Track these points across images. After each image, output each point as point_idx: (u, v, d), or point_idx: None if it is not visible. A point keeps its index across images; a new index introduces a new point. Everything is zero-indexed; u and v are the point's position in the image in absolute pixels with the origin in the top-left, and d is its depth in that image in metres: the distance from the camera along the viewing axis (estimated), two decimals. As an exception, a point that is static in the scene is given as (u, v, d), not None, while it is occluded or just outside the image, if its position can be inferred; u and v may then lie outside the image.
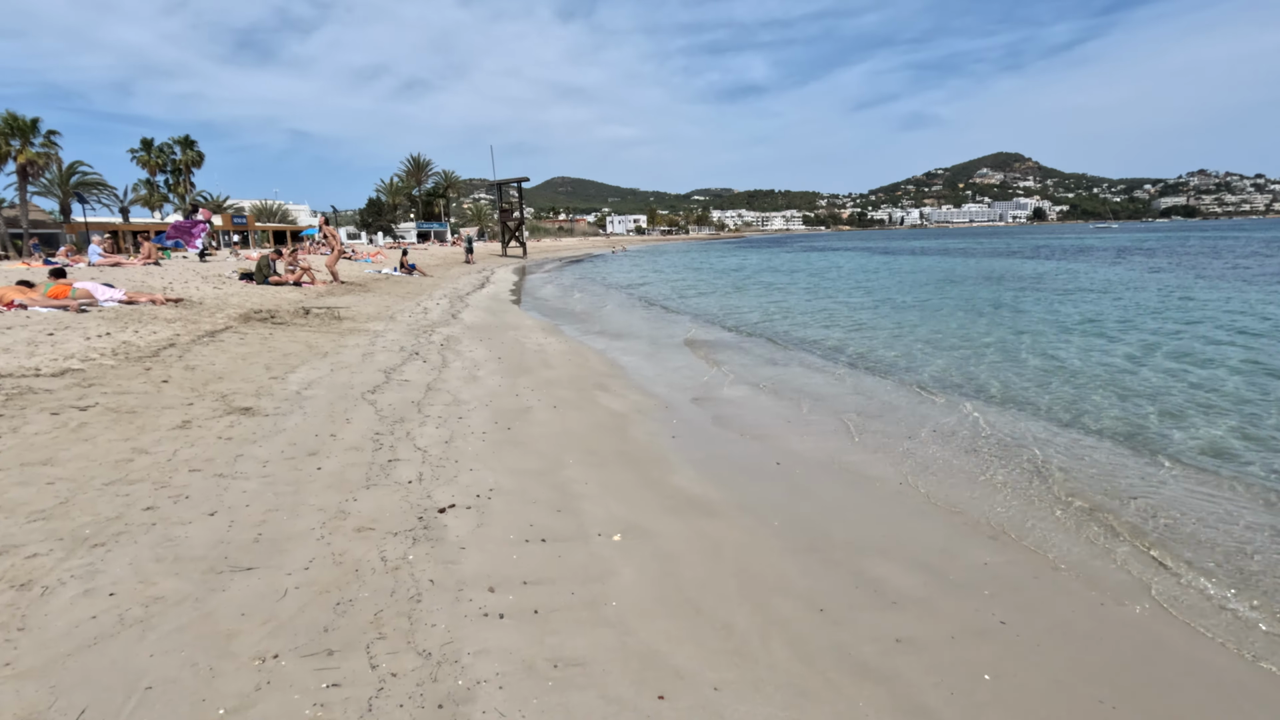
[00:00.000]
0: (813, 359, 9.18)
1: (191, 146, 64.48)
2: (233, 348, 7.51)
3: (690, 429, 5.57)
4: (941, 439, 5.37)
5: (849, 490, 4.27)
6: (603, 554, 3.17)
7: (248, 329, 8.94)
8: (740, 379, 7.74)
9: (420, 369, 7.21)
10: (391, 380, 6.54)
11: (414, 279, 21.96)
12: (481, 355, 8.40)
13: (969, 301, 15.97)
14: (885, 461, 4.82)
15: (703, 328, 12.59)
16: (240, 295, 12.64)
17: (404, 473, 4.01)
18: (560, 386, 6.88)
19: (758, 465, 4.71)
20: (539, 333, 10.97)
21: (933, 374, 8.01)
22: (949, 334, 11.02)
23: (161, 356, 6.66)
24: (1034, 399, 6.73)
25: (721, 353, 9.68)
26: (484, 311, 13.63)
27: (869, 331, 11.67)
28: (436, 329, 10.46)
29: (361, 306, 12.77)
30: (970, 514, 3.91)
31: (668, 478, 4.32)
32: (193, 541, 2.96)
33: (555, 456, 4.59)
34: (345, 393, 5.91)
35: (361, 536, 3.13)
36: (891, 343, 10.36)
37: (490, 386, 6.65)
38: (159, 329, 8.19)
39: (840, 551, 3.36)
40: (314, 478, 3.83)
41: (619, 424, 5.58)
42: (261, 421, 4.83)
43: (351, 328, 9.95)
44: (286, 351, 7.59)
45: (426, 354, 8.14)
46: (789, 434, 5.52)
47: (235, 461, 3.98)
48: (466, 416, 5.42)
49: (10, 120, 44.75)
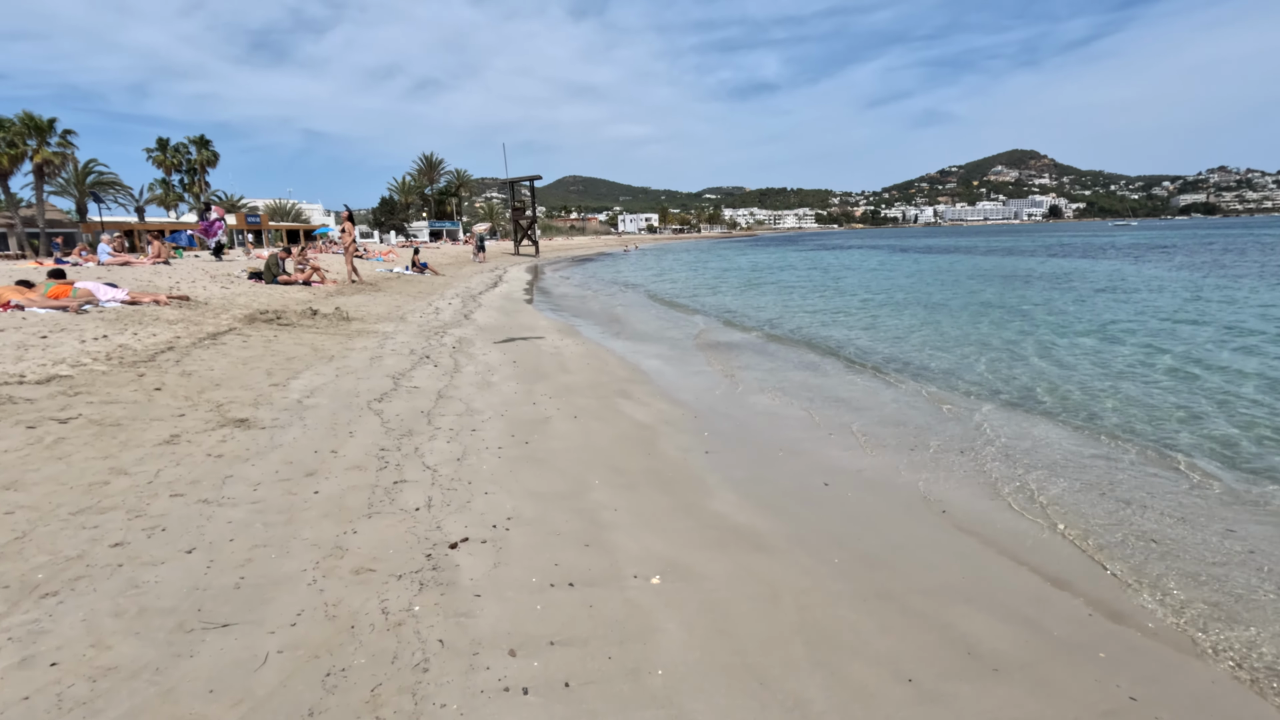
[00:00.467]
0: (844, 363, 8.66)
1: (206, 146, 64.79)
2: (234, 351, 7.11)
3: (724, 442, 5.08)
4: (1006, 458, 4.86)
5: (912, 518, 3.77)
6: (641, 602, 2.70)
7: (252, 331, 8.55)
8: (770, 385, 7.25)
9: (431, 374, 6.78)
10: (400, 387, 6.11)
11: (426, 278, 21.61)
12: (495, 359, 7.96)
13: (998, 301, 15.34)
14: (948, 483, 4.32)
15: (725, 329, 12.11)
16: (248, 295, 12.29)
17: (411, 497, 3.56)
18: (580, 393, 6.42)
19: (804, 486, 4.22)
20: (555, 334, 10.52)
21: (976, 380, 7.48)
22: (983, 336, 10.46)
23: (158, 361, 6.27)
24: (1100, 413, 6.19)
25: (747, 355, 9.18)
26: (497, 312, 13.21)
27: (898, 333, 11.12)
28: (448, 330, 10.05)
29: (371, 306, 12.39)
30: (1061, 550, 3.40)
31: (706, 502, 3.84)
32: (163, 588, 2.52)
33: (579, 476, 4.13)
34: (350, 401, 5.48)
35: (360, 580, 2.68)
36: (925, 345, 9.81)
37: (505, 393, 6.20)
38: (159, 331, 7.82)
39: (917, 598, 2.87)
40: (310, 504, 3.39)
41: (646, 437, 5.10)
42: (257, 436, 4.40)
43: (360, 329, 9.55)
44: (290, 355, 7.18)
45: (438, 358, 7.72)
46: (833, 449, 5.02)
47: (223, 484, 3.54)
48: (480, 429, 4.97)
49: (27, 120, 45.01)
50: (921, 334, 10.91)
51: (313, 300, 12.73)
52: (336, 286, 15.88)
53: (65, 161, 48.47)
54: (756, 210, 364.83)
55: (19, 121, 44.74)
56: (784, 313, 14.52)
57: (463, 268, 30.00)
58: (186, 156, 64.32)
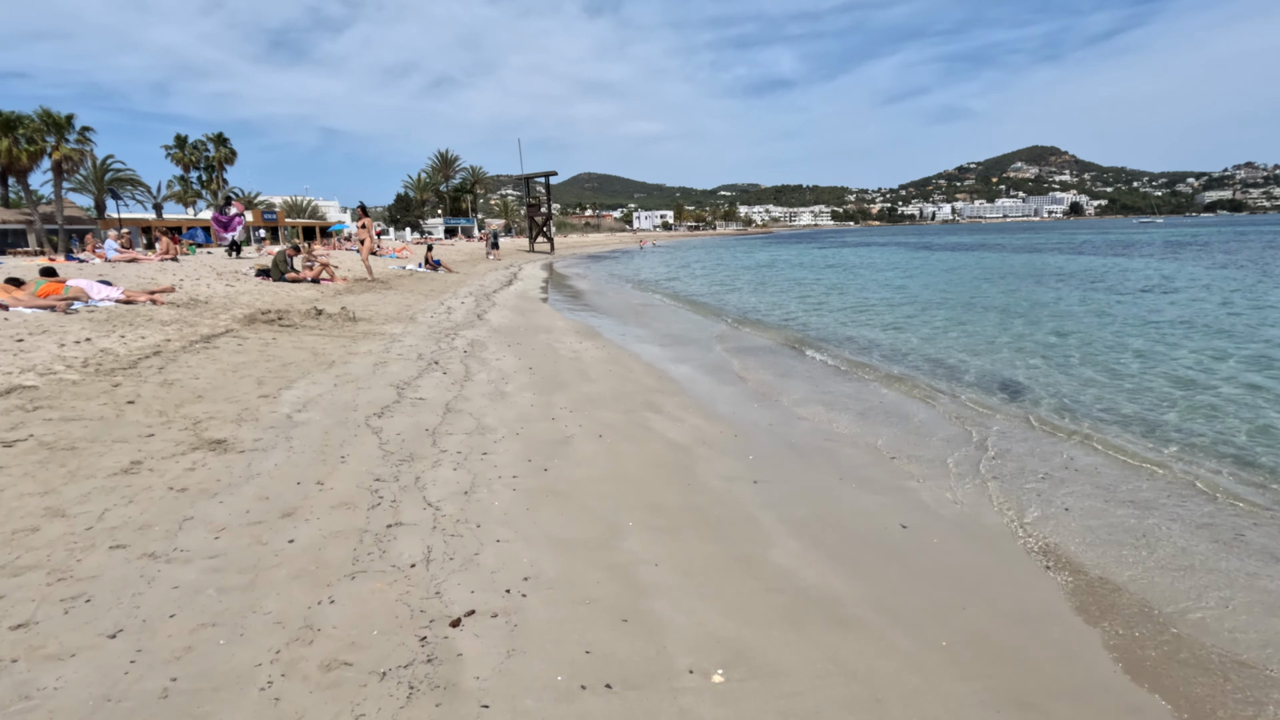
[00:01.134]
0: (889, 370, 7.92)
1: (224, 143, 65.01)
2: (226, 356, 6.51)
3: (773, 469, 4.39)
4: (1107, 495, 4.12)
5: (1021, 577, 3.06)
6: (702, 715, 2.02)
7: (250, 333, 7.97)
8: (814, 397, 6.53)
9: (439, 383, 6.13)
10: (404, 399, 5.47)
11: (439, 275, 21.06)
12: (510, 364, 7.31)
13: (1039, 302, 14.47)
14: (1049, 526, 3.59)
15: (754, 331, 11.37)
16: (252, 294, 11.75)
17: (406, 547, 2.91)
18: (604, 406, 5.75)
19: (878, 530, 3.51)
20: (573, 336, 9.86)
21: (1045, 394, 6.71)
22: (1033, 341, 9.65)
23: (139, 368, 5.68)
24: (1217, 438, 5.41)
25: (783, 361, 8.46)
26: (512, 311, 12.58)
27: (939, 336, 10.33)
28: (460, 332, 9.42)
29: (381, 306, 11.80)
30: (1226, 627, 2.68)
31: (766, 553, 3.15)
32: (59, 703, 1.87)
33: (609, 515, 3.46)
34: (346, 416, 4.84)
35: (330, 682, 2.03)
36: (974, 350, 9.03)
37: (521, 406, 5.54)
38: (149, 333, 7.25)
39: (1064, 706, 2.16)
40: (281, 557, 2.74)
41: (683, 461, 4.42)
42: (233, 462, 3.77)
43: (366, 330, 8.95)
44: (287, 361, 6.57)
45: (447, 363, 7.08)
46: (900, 477, 4.31)
47: (180, 530, 2.91)
48: (492, 451, 4.31)
49: (45, 117, 45.19)
50: (965, 338, 10.12)
51: (319, 299, 12.17)
52: (346, 284, 15.33)
53: (83, 158, 48.67)
54: (772, 207, 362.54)
55: (38, 118, 44.94)
56: (815, 313, 13.76)
57: (477, 265, 29.47)
58: (205, 154, 64.60)
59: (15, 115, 44.16)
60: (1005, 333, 10.36)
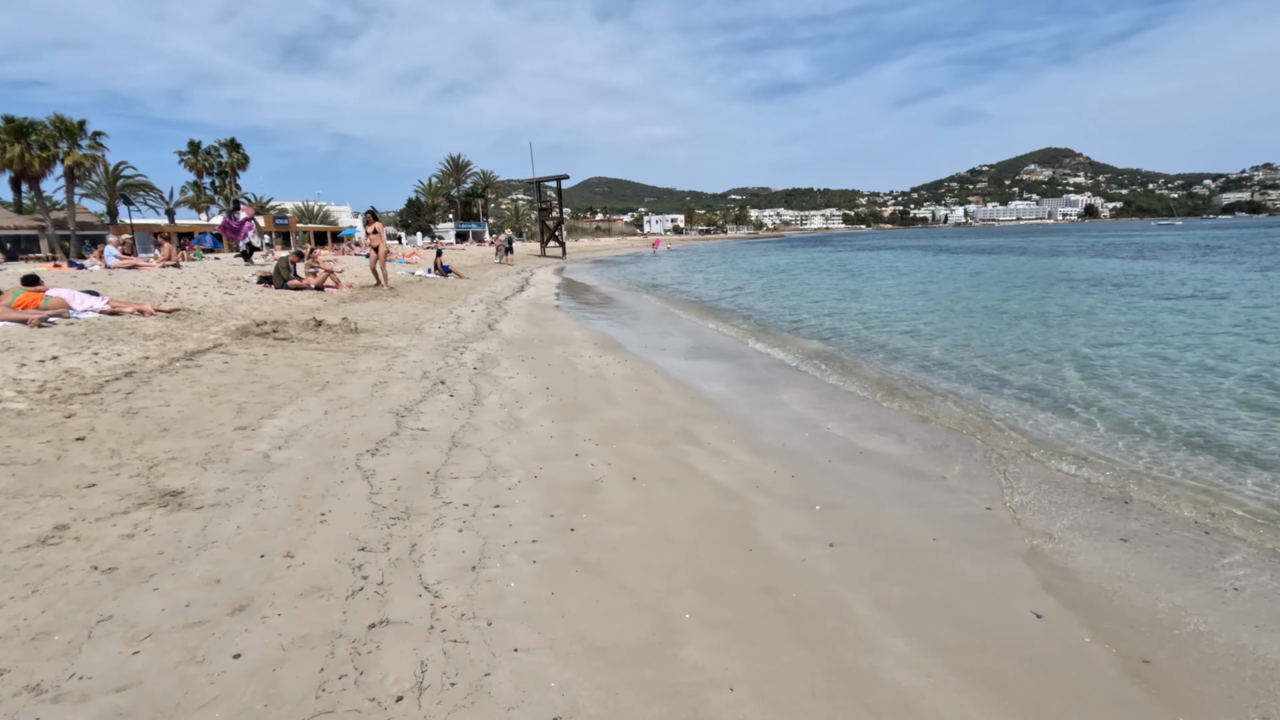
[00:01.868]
0: (945, 386, 7.09)
1: (237, 149, 65.12)
2: (208, 377, 5.80)
3: (850, 524, 3.58)
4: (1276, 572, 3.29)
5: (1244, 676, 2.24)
6: None
7: (240, 347, 7.26)
8: (871, 422, 5.72)
9: (445, 408, 5.38)
10: (403, 430, 4.72)
11: (449, 281, 20.40)
12: (524, 383, 6.55)
13: (1081, 308, 13.55)
14: (1220, 613, 2.77)
15: (787, 342, 10.54)
16: (251, 302, 11.09)
17: (392, 666, 2.14)
18: (633, 436, 4.97)
19: (1007, 618, 2.70)
20: (592, 349, 9.10)
21: (1129, 417, 5.86)
22: (1095, 355, 8.78)
23: (104, 393, 4.96)
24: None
25: (829, 376, 7.63)
26: (525, 321, 11.84)
27: (989, 348, 9.47)
28: (469, 344, 8.68)
29: (386, 315, 11.10)
30: None
31: (871, 662, 2.36)
32: None
33: (658, 601, 2.67)
34: (334, 455, 4.09)
35: None
36: (1037, 370, 8.17)
37: (538, 437, 4.78)
38: (128, 349, 6.56)
39: None
40: (216, 690, 1.98)
41: (738, 514, 3.63)
42: (185, 523, 3.02)
43: (368, 344, 8.23)
44: (275, 382, 5.84)
45: (455, 383, 6.33)
46: (1005, 531, 3.50)
47: (88, 640, 2.16)
48: (506, 503, 3.54)
49: (58, 123, 45.18)
50: (1015, 354, 9.25)
51: (322, 308, 11.48)
52: (352, 291, 14.67)
53: (96, 164, 48.63)
54: (783, 211, 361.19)
55: (50, 124, 44.93)
56: (847, 321, 12.91)
57: (487, 270, 28.82)
58: (217, 159, 64.74)
59: (28, 121, 44.20)
60: (1060, 342, 9.49)
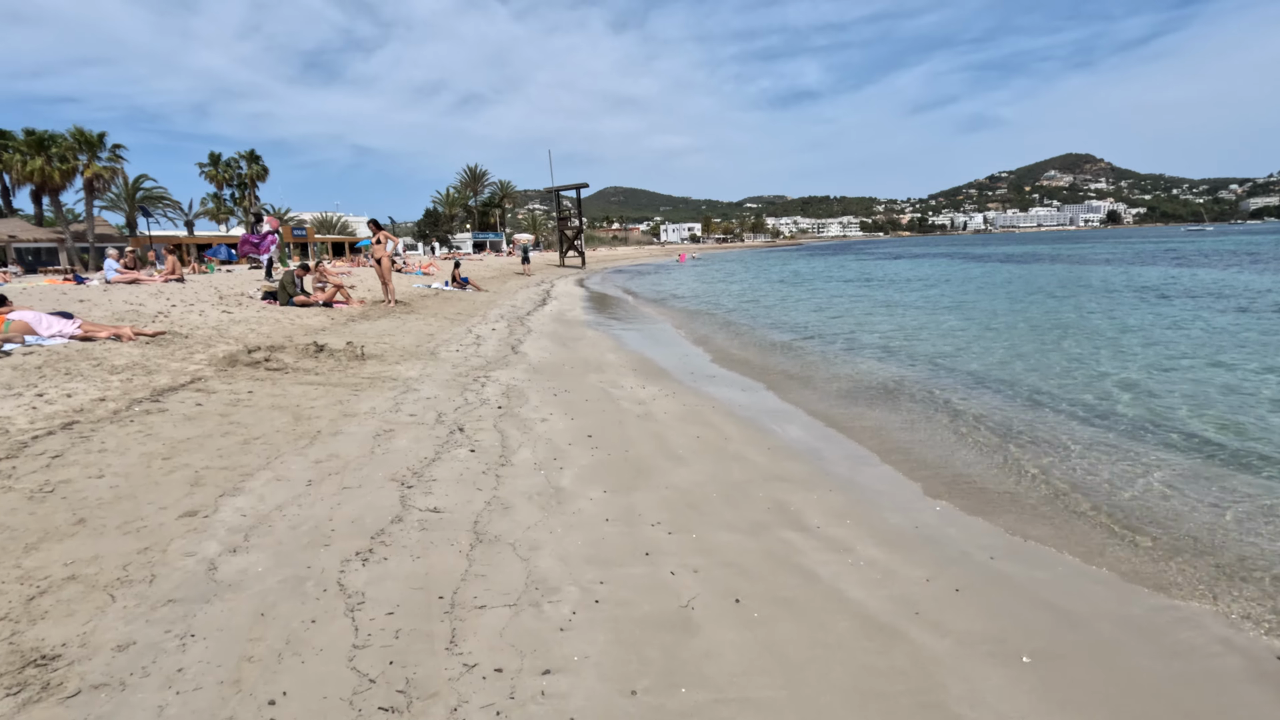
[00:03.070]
0: (1088, 434, 5.73)
1: (256, 160, 65.23)
2: (168, 427, 4.63)
3: (1094, 693, 2.29)
4: None
5: None
6: None
7: (222, 382, 6.12)
8: (1008, 490, 4.40)
9: (464, 471, 4.16)
10: (409, 510, 3.50)
11: (467, 294, 19.32)
12: (561, 428, 5.33)
13: (1174, 321, 12.06)
14: None
15: (850, 366, 9.14)
16: (250, 322, 10.00)
17: None
18: (715, 516, 3.72)
19: None
20: (631, 376, 7.86)
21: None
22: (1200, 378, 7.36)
23: (22, 457, 3.80)
24: None
25: (914, 418, 6.28)
26: (551, 341, 10.63)
27: (1097, 374, 8.08)
28: (491, 373, 7.48)
29: (398, 336, 9.95)
30: None
31: None
32: None
33: None
34: (309, 562, 2.88)
35: None
36: (1224, 405, 6.78)
37: (590, 521, 3.54)
38: (85, 386, 5.43)
39: None
40: None
41: (912, 675, 2.35)
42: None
43: (375, 374, 7.06)
44: (253, 434, 4.65)
45: (476, 429, 5.12)
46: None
47: None
48: (560, 665, 2.29)
49: (78, 135, 45.17)
50: (1190, 385, 7.85)
51: (328, 328, 10.37)
52: (363, 307, 13.58)
53: (115, 176, 48.60)
54: (800, 219, 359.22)
55: (70, 137, 44.92)
56: (902, 338, 11.52)
57: (506, 282, 27.77)
58: (237, 171, 64.86)
59: (49, 134, 44.22)
60: (1171, 365, 8.08)
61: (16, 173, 43.60)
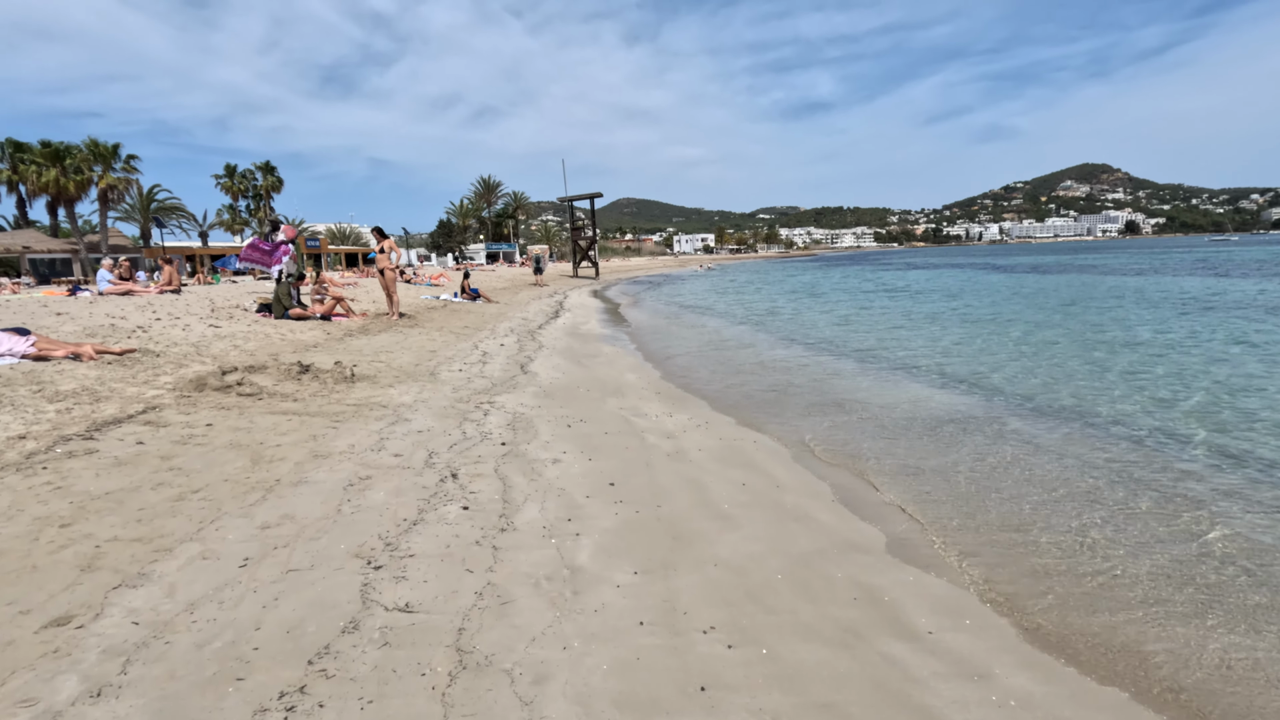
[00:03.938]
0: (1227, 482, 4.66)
1: (271, 172, 65.41)
2: (88, 477, 3.71)
3: None
4: None
5: None
6: None
7: (180, 411, 5.22)
8: (1156, 576, 3.37)
9: (451, 543, 3.20)
10: (371, 610, 2.54)
11: (476, 306, 18.46)
12: (576, 473, 4.36)
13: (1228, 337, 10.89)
14: None
15: (895, 389, 8.09)
16: (235, 338, 9.15)
17: None
18: (787, 617, 2.73)
19: None
20: (656, 401, 6.89)
21: None
22: None
23: (-126, 525, 2.89)
24: None
25: (1027, 453, 5.23)
26: (564, 358, 9.69)
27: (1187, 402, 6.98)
28: (496, 397, 6.55)
29: (396, 353, 9.05)
30: None
31: None
32: None
33: None
34: (205, 717, 1.92)
35: None
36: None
37: (619, 628, 2.56)
38: (11, 418, 4.55)
39: None
40: None
41: None
42: None
43: (362, 399, 6.14)
44: (191, 487, 3.72)
45: (472, 476, 4.16)
46: None
47: None
48: None
49: (92, 146, 45.22)
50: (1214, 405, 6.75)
51: (321, 344, 9.50)
52: (364, 320, 12.73)
53: (129, 186, 48.64)
54: (813, 229, 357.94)
55: (85, 148, 44.97)
56: (943, 354, 10.45)
57: (519, 293, 26.94)
58: (253, 183, 65.03)
59: (64, 146, 44.32)
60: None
61: (32, 184, 43.69)
